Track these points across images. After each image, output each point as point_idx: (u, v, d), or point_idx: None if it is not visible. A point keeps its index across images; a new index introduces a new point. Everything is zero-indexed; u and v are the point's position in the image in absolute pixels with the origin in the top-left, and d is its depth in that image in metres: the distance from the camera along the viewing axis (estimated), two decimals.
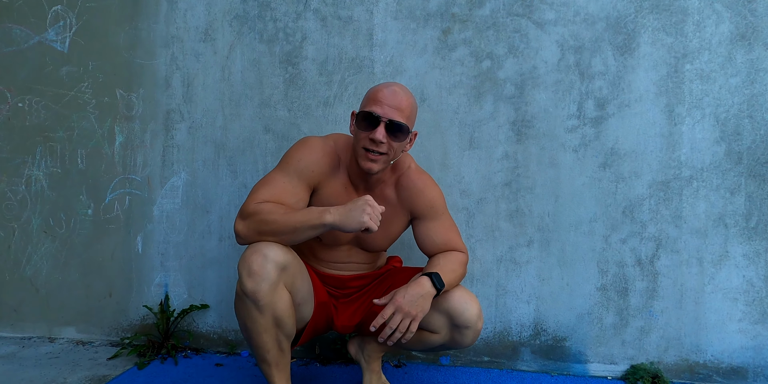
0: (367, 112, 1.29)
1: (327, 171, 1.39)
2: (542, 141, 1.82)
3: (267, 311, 1.24)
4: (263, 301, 1.22)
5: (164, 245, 1.92)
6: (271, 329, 1.27)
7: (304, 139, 1.42)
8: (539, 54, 1.82)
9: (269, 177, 1.35)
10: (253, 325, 1.26)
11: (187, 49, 1.91)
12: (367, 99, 1.34)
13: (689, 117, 1.78)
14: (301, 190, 1.34)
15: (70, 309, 1.97)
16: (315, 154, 1.37)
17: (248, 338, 1.31)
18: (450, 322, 1.38)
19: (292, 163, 1.36)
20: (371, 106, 1.30)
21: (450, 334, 1.39)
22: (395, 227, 1.49)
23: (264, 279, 1.21)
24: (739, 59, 1.77)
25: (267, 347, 1.29)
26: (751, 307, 1.77)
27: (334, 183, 1.41)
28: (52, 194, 1.96)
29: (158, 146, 1.92)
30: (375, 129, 1.29)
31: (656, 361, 1.79)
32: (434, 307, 1.38)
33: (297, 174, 1.35)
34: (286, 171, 1.35)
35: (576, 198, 1.81)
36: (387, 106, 1.29)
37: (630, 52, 1.80)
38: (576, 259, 1.82)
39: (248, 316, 1.25)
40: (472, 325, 1.36)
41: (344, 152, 1.43)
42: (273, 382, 1.35)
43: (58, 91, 1.95)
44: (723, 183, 1.77)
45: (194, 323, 1.92)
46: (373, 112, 1.29)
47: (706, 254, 1.78)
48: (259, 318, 1.25)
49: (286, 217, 1.23)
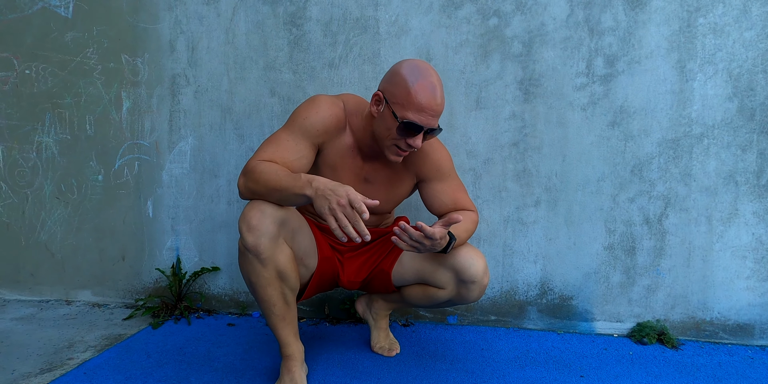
0: (410, 124, 1.25)
1: (333, 131, 1.38)
2: (550, 100, 1.80)
3: (269, 264, 1.27)
4: (264, 255, 1.25)
5: (174, 209, 1.95)
6: (274, 282, 1.30)
7: (312, 98, 1.40)
8: (547, 10, 1.78)
9: (275, 135, 1.35)
10: (258, 279, 1.29)
11: (190, 12, 1.89)
12: (407, 101, 1.25)
13: (701, 73, 1.75)
14: (304, 148, 1.34)
15: (85, 273, 2.01)
16: (321, 113, 1.35)
17: (254, 293, 1.33)
18: (456, 278, 1.40)
19: (298, 122, 1.35)
20: (414, 114, 1.25)
21: (456, 289, 1.41)
22: (400, 191, 1.49)
23: (263, 233, 1.23)
24: (754, 12, 1.72)
25: (273, 301, 1.32)
26: (759, 264, 1.76)
27: (339, 143, 1.41)
28: (63, 160, 1.98)
29: (165, 111, 1.92)
30: (415, 136, 1.28)
31: (662, 319, 1.80)
32: (442, 263, 1.40)
33: (302, 132, 1.34)
34: (291, 129, 1.35)
35: (584, 157, 1.80)
36: (430, 116, 1.26)
37: (641, 6, 1.75)
38: (583, 218, 1.81)
39: (252, 271, 1.28)
40: (478, 280, 1.38)
41: (353, 116, 1.41)
42: (280, 335, 1.38)
43: (64, 57, 1.95)
44: (734, 140, 1.75)
45: (206, 285, 1.96)
46: (416, 123, 1.25)
47: (715, 212, 1.77)
48: (262, 271, 1.27)
49: (276, 177, 1.20)
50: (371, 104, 1.34)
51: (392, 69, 1.32)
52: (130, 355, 1.57)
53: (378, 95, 1.31)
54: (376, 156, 1.43)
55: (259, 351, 1.62)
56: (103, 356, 1.56)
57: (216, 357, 1.57)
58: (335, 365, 1.52)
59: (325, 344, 1.67)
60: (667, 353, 1.67)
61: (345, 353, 1.61)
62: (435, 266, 1.43)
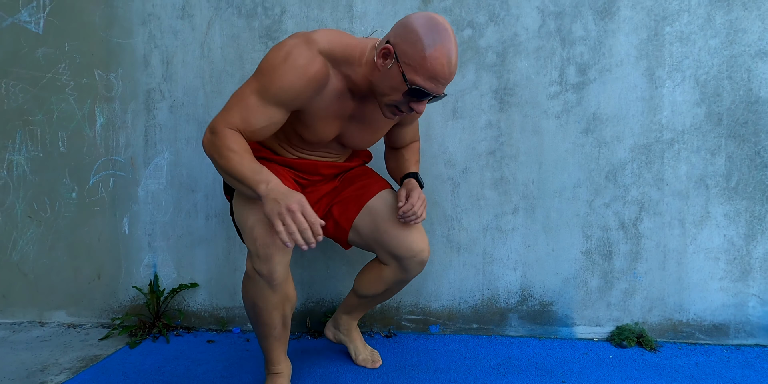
0: (419, 90, 1.17)
1: (312, 95, 1.25)
2: (525, 108, 1.82)
3: (279, 290, 1.25)
4: (278, 281, 1.23)
5: (151, 226, 1.92)
6: (280, 306, 1.29)
7: (285, 56, 1.19)
8: (520, 21, 1.81)
9: (245, 96, 1.22)
10: (265, 304, 1.27)
11: (164, 26, 1.88)
12: (420, 65, 1.14)
13: (670, 80, 1.79)
14: (275, 114, 1.23)
15: (59, 293, 1.97)
16: (298, 82, 1.20)
17: (256, 316, 1.31)
18: (398, 254, 1.42)
19: (270, 89, 1.20)
20: (425, 81, 1.16)
21: (398, 264, 1.44)
22: (380, 133, 1.46)
23: (279, 261, 1.21)
24: (718, 20, 1.78)
25: (274, 324, 1.31)
26: (732, 265, 1.80)
27: (323, 98, 1.28)
28: (35, 178, 1.94)
29: (140, 126, 1.90)
30: (420, 102, 1.21)
31: (641, 322, 1.83)
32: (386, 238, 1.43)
33: (274, 101, 1.21)
34: (261, 95, 1.21)
35: (559, 164, 1.83)
36: (441, 84, 1.18)
37: (610, 16, 1.80)
38: (561, 224, 1.84)
39: (260, 296, 1.26)
40: (417, 254, 1.42)
41: (343, 65, 1.25)
42: (272, 355, 1.37)
43: (35, 73, 1.92)
44: (704, 144, 1.79)
45: (184, 302, 1.93)
46: (426, 91, 1.17)
47: (688, 215, 1.81)
48: (271, 297, 1.26)
49: (238, 162, 1.15)
50: (377, 56, 1.19)
51: (408, 22, 1.16)
52: (106, 376, 1.53)
53: (388, 49, 1.17)
54: (367, 97, 1.33)
55: (240, 368, 1.59)
56: (79, 378, 1.52)
57: (196, 375, 1.54)
58: (318, 380, 1.51)
59: (307, 358, 1.66)
60: (645, 356, 1.70)
61: (328, 367, 1.59)
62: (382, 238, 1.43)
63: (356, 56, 1.25)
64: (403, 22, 1.18)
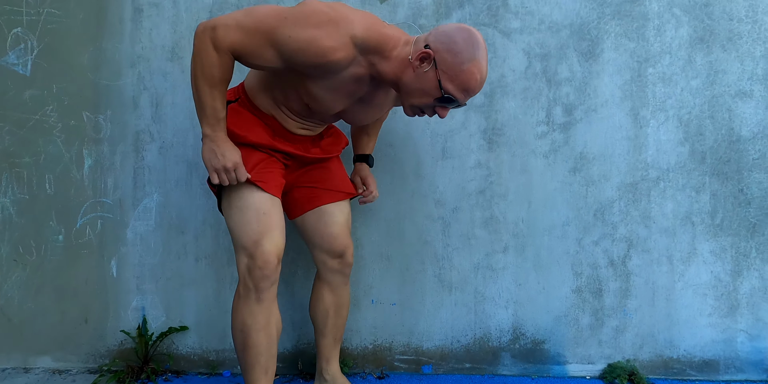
0: (451, 99, 1.23)
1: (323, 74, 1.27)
2: (513, 148, 1.85)
3: (266, 302, 1.34)
4: (265, 294, 1.34)
5: (139, 268, 1.90)
6: (266, 326, 1.35)
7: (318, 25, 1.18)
8: (507, 62, 1.84)
9: (261, 25, 1.21)
10: (254, 321, 1.34)
11: (154, 68, 1.88)
12: (457, 76, 1.20)
13: (654, 119, 1.83)
14: (275, 62, 1.25)
15: (45, 337, 1.93)
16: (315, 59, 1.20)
17: (244, 339, 1.35)
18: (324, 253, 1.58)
19: (288, 44, 1.19)
20: (458, 91, 1.22)
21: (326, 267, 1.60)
22: (380, 114, 1.51)
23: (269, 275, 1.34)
24: (698, 61, 1.82)
25: (261, 348, 1.35)
26: (719, 301, 1.82)
27: (339, 79, 1.29)
28: (21, 221, 1.91)
29: (129, 168, 1.89)
30: (445, 108, 1.28)
31: (632, 359, 1.84)
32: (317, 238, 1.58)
33: (281, 54, 1.22)
34: (274, 39, 1.20)
35: (548, 203, 1.84)
36: (470, 96, 1.26)
37: (594, 57, 1.83)
38: (551, 262, 1.85)
39: (249, 312, 1.34)
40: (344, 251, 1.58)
41: (373, 54, 1.25)
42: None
43: (21, 115, 1.90)
44: (688, 182, 1.83)
45: (174, 345, 1.90)
46: (456, 100, 1.24)
47: (675, 252, 1.83)
48: (259, 315, 1.34)
49: (205, 91, 1.28)
50: (415, 58, 1.22)
51: (451, 32, 1.22)
52: None
53: (428, 54, 1.21)
54: (382, 84, 1.36)
55: None
56: None
57: None
58: None
59: None
60: None
61: None
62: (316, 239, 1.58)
63: (388, 48, 1.25)
64: (445, 31, 1.22)
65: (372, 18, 1.27)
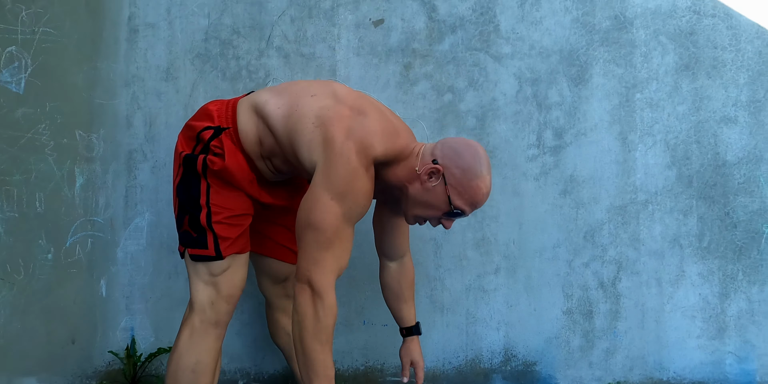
0: (459, 213, 1.27)
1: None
2: (504, 170, 1.87)
3: (221, 342, 1.36)
4: (224, 331, 1.36)
5: (129, 288, 1.88)
6: (217, 368, 1.37)
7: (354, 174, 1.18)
8: (498, 86, 1.88)
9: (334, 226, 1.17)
10: (209, 357, 1.33)
11: (148, 88, 1.89)
12: (465, 192, 1.24)
13: (642, 144, 1.87)
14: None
15: (31, 358, 1.89)
16: (368, 201, 1.25)
17: (196, 380, 1.32)
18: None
19: (356, 210, 1.21)
20: (466, 206, 1.26)
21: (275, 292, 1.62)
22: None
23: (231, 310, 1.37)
24: (684, 88, 1.87)
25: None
26: (708, 323, 1.84)
27: None
28: (9, 240, 1.89)
29: (120, 187, 1.89)
30: (451, 220, 1.30)
31: (622, 381, 1.85)
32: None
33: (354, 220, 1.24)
34: (350, 220, 1.21)
35: (539, 225, 1.87)
36: (476, 209, 1.30)
37: (584, 83, 1.87)
38: (542, 284, 1.86)
39: (206, 350, 1.33)
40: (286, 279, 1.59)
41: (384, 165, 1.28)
42: None
43: (13, 133, 1.89)
44: (676, 205, 1.86)
45: (162, 366, 1.87)
46: (464, 214, 1.28)
47: (664, 274, 1.85)
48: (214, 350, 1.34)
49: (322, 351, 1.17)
50: (424, 173, 1.24)
51: (458, 147, 1.26)
52: None
53: (437, 170, 1.23)
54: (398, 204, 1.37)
55: None
56: None
57: None
58: None
59: None
60: None
61: None
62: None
63: (401, 159, 1.29)
64: (452, 146, 1.26)
65: (388, 129, 1.27)
